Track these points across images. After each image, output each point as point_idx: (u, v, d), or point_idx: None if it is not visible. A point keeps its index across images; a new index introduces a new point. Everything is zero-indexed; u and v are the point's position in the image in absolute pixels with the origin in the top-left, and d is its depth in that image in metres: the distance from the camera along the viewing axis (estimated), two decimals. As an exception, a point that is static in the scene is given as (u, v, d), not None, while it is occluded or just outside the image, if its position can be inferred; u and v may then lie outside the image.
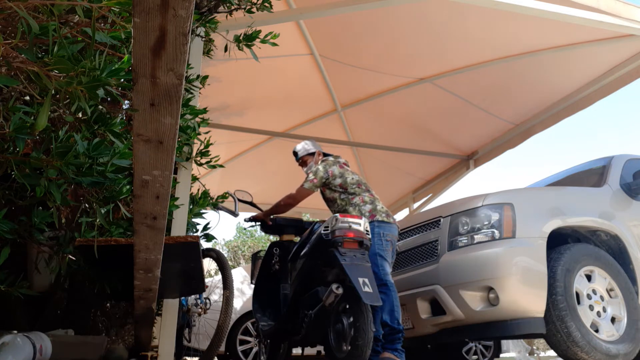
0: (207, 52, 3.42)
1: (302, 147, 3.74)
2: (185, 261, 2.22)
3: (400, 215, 9.06)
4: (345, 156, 7.08)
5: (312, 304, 2.70)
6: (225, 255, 10.51)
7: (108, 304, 3.35)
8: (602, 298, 3.09)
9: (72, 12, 1.40)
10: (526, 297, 2.86)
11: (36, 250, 2.26)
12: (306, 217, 10.02)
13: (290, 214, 3.62)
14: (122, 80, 1.40)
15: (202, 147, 3.04)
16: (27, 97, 1.62)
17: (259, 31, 2.90)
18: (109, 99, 1.58)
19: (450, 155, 7.10)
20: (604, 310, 3.06)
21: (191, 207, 2.93)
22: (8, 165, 1.36)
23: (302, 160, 3.71)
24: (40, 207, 1.90)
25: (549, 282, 2.90)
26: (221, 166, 3.22)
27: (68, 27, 1.39)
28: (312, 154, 3.68)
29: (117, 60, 1.33)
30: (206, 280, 3.60)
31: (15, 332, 1.92)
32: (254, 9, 2.98)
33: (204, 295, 3.69)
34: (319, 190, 3.50)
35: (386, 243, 3.13)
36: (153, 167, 1.14)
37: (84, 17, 1.28)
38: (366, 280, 2.45)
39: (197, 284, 2.64)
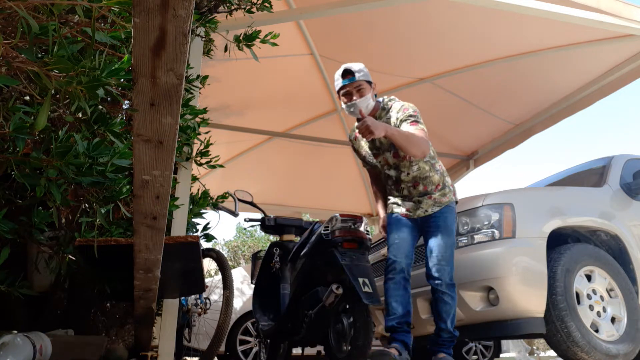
0: (207, 52, 3.42)
1: (361, 67, 2.66)
2: (185, 261, 2.22)
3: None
4: (346, 156, 7.12)
5: (312, 304, 2.70)
6: (225, 255, 10.51)
7: (108, 304, 3.35)
8: (602, 298, 3.09)
9: (72, 12, 1.40)
10: (526, 297, 2.86)
11: (36, 250, 2.26)
12: (306, 217, 10.01)
13: (290, 213, 3.60)
14: (122, 80, 1.40)
15: (202, 147, 3.03)
16: (27, 97, 1.62)
17: (259, 31, 2.90)
18: (109, 99, 1.58)
19: (450, 155, 7.10)
20: (604, 310, 3.06)
21: (191, 207, 2.93)
22: (8, 165, 1.36)
23: (357, 86, 2.62)
24: (40, 207, 1.90)
25: (549, 282, 2.89)
26: (221, 166, 3.22)
27: (68, 27, 1.39)
28: (371, 84, 2.70)
29: (117, 60, 1.33)
30: (206, 280, 3.60)
31: (15, 332, 1.91)
32: (254, 9, 2.98)
33: (204, 295, 3.69)
34: (369, 158, 2.86)
35: None
36: (153, 167, 1.14)
37: (84, 17, 1.28)
38: (366, 280, 2.45)
39: (197, 284, 2.64)
